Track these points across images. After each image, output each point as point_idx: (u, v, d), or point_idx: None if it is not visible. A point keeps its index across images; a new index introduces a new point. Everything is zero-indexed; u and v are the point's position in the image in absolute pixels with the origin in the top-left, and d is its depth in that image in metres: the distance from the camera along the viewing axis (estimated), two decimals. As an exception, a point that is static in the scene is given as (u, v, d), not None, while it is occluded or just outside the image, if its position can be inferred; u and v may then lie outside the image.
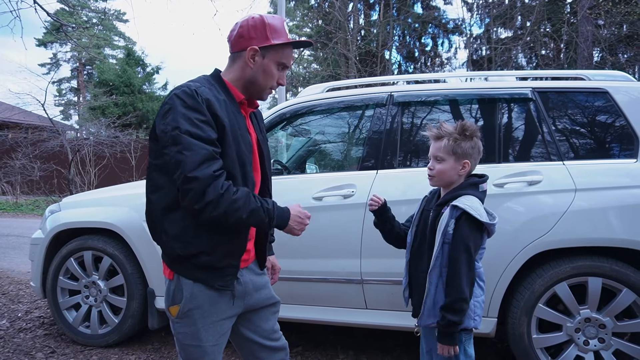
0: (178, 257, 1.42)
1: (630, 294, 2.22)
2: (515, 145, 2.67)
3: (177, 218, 1.39)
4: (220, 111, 1.38)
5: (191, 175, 1.28)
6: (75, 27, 7.62)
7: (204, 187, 1.28)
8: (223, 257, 1.42)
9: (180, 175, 1.29)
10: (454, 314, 1.59)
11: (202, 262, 1.40)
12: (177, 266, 1.45)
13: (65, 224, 3.16)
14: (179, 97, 1.35)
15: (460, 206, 1.62)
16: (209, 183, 1.28)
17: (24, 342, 3.20)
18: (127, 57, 23.63)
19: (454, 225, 1.63)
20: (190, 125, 1.31)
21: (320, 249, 2.66)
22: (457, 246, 1.62)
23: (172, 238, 1.40)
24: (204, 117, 1.33)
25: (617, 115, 2.47)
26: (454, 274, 1.61)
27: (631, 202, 2.27)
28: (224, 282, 1.43)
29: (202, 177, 1.28)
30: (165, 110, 1.36)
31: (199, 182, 1.28)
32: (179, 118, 1.32)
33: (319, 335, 3.23)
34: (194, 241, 1.39)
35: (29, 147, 13.14)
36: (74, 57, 29.87)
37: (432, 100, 2.82)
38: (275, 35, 1.47)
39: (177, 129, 1.31)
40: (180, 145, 1.30)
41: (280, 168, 3.15)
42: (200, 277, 1.42)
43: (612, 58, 13.18)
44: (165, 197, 1.39)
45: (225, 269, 1.44)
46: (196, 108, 1.33)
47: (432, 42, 19.20)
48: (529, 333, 2.35)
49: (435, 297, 1.65)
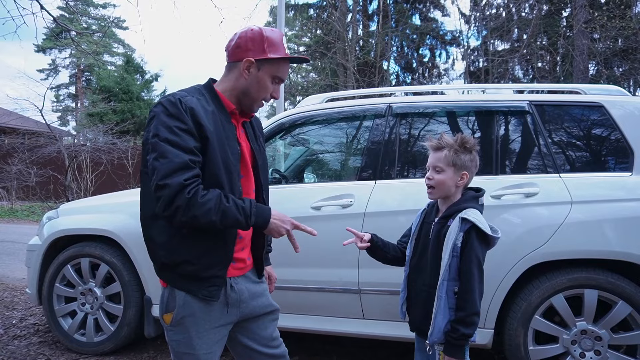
0: (163, 265, 1.43)
1: (625, 306, 2.24)
2: (512, 157, 2.69)
3: (164, 226, 1.40)
4: (205, 120, 1.39)
5: (162, 182, 1.29)
6: (77, 32, 7.65)
7: (173, 193, 1.29)
8: (207, 268, 1.42)
9: (154, 182, 1.31)
10: (466, 327, 1.58)
11: (186, 272, 1.41)
12: (163, 274, 1.46)
13: (63, 230, 3.15)
14: (162, 105, 1.38)
15: (469, 219, 1.62)
16: (178, 190, 1.29)
17: (18, 349, 3.18)
18: (126, 64, 23.72)
19: (462, 238, 1.62)
20: (169, 133, 1.33)
21: (318, 258, 2.66)
22: (470, 260, 1.61)
23: (158, 246, 1.42)
24: (184, 126, 1.35)
25: (613, 129, 2.50)
26: (468, 288, 1.60)
27: (626, 215, 2.30)
28: (208, 292, 1.43)
29: (172, 185, 1.29)
30: (149, 118, 1.40)
31: (169, 189, 1.29)
32: (159, 126, 1.34)
33: (315, 344, 3.22)
34: (179, 250, 1.40)
35: (26, 152, 13.10)
36: (72, 63, 29.94)
37: (431, 111, 2.85)
38: (273, 49, 1.48)
39: (157, 136, 1.34)
40: (157, 152, 1.32)
41: (278, 177, 3.16)
42: (185, 286, 1.43)
43: (608, 71, 13.32)
44: (152, 205, 1.40)
45: (211, 279, 1.43)
46: (177, 116, 1.35)
47: (429, 53, 19.38)
48: (526, 345, 2.35)
49: (444, 312, 1.63)
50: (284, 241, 1.53)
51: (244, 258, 1.56)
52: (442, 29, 18.99)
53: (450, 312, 1.62)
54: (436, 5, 18.81)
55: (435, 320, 1.63)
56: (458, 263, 1.63)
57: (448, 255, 1.63)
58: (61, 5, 12.49)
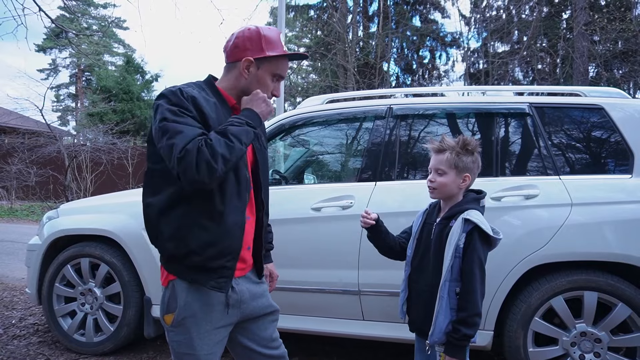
0: (171, 256, 1.44)
1: (625, 308, 2.24)
2: (512, 159, 2.70)
3: (172, 219, 1.41)
4: (208, 109, 1.40)
5: (181, 154, 1.28)
6: (76, 33, 7.65)
7: (194, 154, 1.27)
8: (214, 258, 1.42)
9: (174, 157, 1.29)
10: (468, 328, 1.58)
11: (193, 263, 1.41)
12: (171, 266, 1.46)
13: (63, 230, 3.15)
14: (164, 95, 1.39)
15: (473, 220, 1.62)
16: (197, 149, 1.28)
17: (17, 349, 3.18)
18: (127, 64, 23.72)
19: (464, 239, 1.63)
20: (176, 115, 1.34)
21: (318, 259, 2.66)
22: (472, 261, 1.61)
23: (166, 238, 1.42)
24: (188, 112, 1.36)
25: (613, 132, 2.50)
26: (470, 289, 1.60)
27: (626, 217, 2.30)
28: (216, 283, 1.43)
29: (190, 149, 1.28)
30: (154, 110, 1.40)
31: (189, 154, 1.28)
32: (165, 111, 1.35)
33: (314, 344, 3.22)
34: (185, 240, 1.40)
35: (26, 152, 13.10)
36: (72, 63, 29.94)
37: (431, 113, 2.85)
38: (270, 47, 1.49)
39: (164, 119, 1.34)
40: (169, 132, 1.32)
41: (279, 178, 3.16)
42: (193, 277, 1.43)
43: (607, 74, 13.34)
44: (161, 200, 1.41)
45: (219, 270, 1.43)
46: (180, 104, 1.36)
47: (430, 54, 19.38)
48: (525, 346, 2.35)
49: (446, 313, 1.63)
50: (285, 242, 1.53)
51: (246, 258, 1.56)
52: (443, 30, 19.02)
53: (452, 312, 1.62)
54: (436, 7, 18.82)
55: (437, 320, 1.63)
56: (460, 264, 1.63)
57: (450, 256, 1.63)
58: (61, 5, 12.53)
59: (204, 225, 1.40)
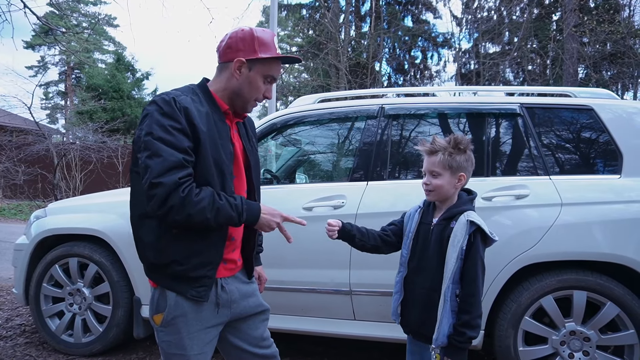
0: (151, 265, 1.43)
1: (614, 307, 2.26)
2: (503, 159, 2.71)
3: (152, 226, 1.39)
4: (199, 120, 1.38)
5: (155, 181, 1.28)
6: (65, 31, 7.55)
7: (167, 192, 1.28)
8: (197, 268, 1.41)
9: (147, 180, 1.29)
10: (472, 330, 1.57)
11: (175, 272, 1.40)
12: (151, 274, 1.45)
13: (51, 229, 3.11)
14: (156, 103, 1.37)
15: (476, 222, 1.61)
16: (172, 188, 1.28)
17: (3, 350, 3.13)
18: (117, 62, 23.51)
19: (467, 240, 1.61)
20: (163, 132, 1.32)
21: (310, 259, 2.65)
22: (476, 262, 1.60)
23: (146, 246, 1.41)
24: (179, 125, 1.34)
25: (602, 132, 2.53)
26: (473, 291, 1.59)
27: (615, 217, 2.32)
28: (197, 292, 1.42)
29: (167, 183, 1.28)
30: (143, 116, 1.38)
31: (163, 188, 1.28)
32: (153, 124, 1.33)
33: (307, 345, 3.21)
34: (168, 250, 1.39)
35: (14, 150, 12.90)
36: (62, 60, 29.61)
37: (422, 113, 2.85)
38: (263, 48, 1.48)
39: (150, 134, 1.32)
40: (150, 150, 1.31)
41: (270, 177, 3.15)
42: (174, 286, 1.42)
43: (597, 75, 13.50)
44: (141, 204, 1.39)
45: (200, 279, 1.42)
46: (172, 115, 1.34)
47: (421, 55, 19.49)
48: (516, 346, 2.37)
49: (449, 316, 1.61)
50: (276, 242, 1.52)
51: (235, 259, 1.56)
52: (434, 31, 19.14)
53: (453, 315, 1.61)
54: (428, 8, 18.92)
55: (441, 324, 1.60)
56: (461, 266, 1.61)
57: (455, 259, 1.60)
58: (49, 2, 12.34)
59: (185, 235, 1.39)
